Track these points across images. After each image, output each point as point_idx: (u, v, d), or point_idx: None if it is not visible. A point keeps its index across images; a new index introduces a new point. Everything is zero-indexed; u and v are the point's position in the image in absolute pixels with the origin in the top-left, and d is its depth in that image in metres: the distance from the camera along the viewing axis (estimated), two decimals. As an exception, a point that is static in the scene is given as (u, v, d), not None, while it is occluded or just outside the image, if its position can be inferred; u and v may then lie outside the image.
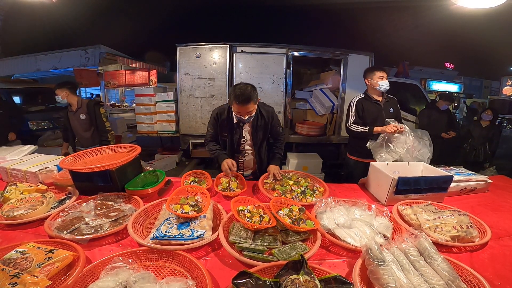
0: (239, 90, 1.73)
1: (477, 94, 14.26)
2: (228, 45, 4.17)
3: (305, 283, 0.84)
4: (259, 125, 1.99)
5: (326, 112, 4.69)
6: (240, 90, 1.73)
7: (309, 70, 5.59)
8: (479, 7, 2.21)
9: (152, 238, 1.12)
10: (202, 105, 4.37)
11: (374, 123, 2.31)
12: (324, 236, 1.21)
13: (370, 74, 2.38)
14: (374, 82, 2.35)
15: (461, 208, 1.42)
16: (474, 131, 4.35)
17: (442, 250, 1.14)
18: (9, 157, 2.09)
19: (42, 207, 1.35)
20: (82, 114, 2.92)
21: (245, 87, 1.75)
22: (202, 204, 1.36)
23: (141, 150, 1.78)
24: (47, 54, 7.03)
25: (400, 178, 1.55)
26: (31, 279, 0.84)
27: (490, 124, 4.31)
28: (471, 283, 0.95)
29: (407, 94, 5.59)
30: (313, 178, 1.95)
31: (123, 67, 6.58)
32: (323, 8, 13.19)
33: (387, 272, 0.90)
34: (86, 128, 2.98)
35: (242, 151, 2.10)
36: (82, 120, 2.93)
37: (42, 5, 3.31)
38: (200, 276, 0.95)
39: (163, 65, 8.45)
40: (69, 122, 2.99)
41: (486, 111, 4.33)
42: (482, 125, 4.31)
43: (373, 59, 4.44)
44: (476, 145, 4.28)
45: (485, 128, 4.28)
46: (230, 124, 1.97)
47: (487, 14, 2.99)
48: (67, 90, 2.87)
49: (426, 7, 8.23)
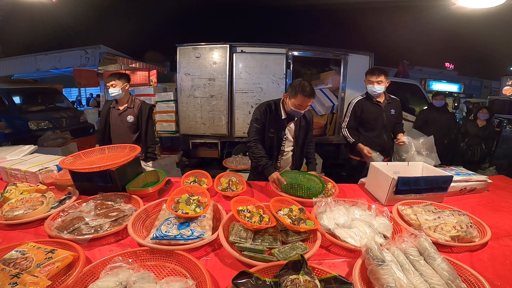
0: (306, 84, 1.80)
1: (477, 94, 14.26)
2: (228, 45, 4.17)
3: (305, 283, 0.84)
4: (302, 124, 2.03)
5: (326, 112, 4.69)
6: (305, 83, 1.80)
7: (309, 70, 5.59)
8: (479, 7, 2.21)
9: (152, 238, 1.11)
10: (202, 105, 4.37)
11: (374, 124, 2.33)
12: (324, 236, 1.21)
13: (366, 76, 2.40)
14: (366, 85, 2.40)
15: (461, 208, 1.42)
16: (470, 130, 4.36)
17: (442, 250, 1.14)
18: (9, 157, 2.08)
19: (42, 207, 1.35)
20: (131, 116, 2.41)
21: (307, 82, 1.83)
22: (202, 204, 1.36)
23: (141, 150, 1.78)
24: (47, 54, 7.04)
25: (400, 178, 1.55)
26: (31, 279, 0.84)
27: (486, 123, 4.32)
28: (471, 283, 0.95)
29: (407, 94, 5.60)
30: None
31: (123, 67, 6.58)
32: (323, 8, 13.20)
33: (387, 272, 0.90)
34: (131, 133, 2.47)
35: (282, 150, 2.07)
36: (128, 122, 2.42)
37: (42, 5, 3.31)
38: (200, 276, 0.95)
39: (163, 65, 8.46)
40: (110, 121, 2.48)
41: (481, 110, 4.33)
42: (479, 125, 4.32)
43: (373, 59, 4.45)
44: (472, 144, 4.29)
45: (482, 127, 4.28)
46: (278, 120, 1.97)
47: (487, 14, 2.99)
48: (127, 82, 2.43)
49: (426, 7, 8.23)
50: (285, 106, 1.93)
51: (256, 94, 4.24)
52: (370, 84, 2.33)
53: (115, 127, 2.49)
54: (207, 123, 4.40)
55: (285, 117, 1.95)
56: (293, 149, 2.11)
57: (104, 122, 2.50)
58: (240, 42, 4.25)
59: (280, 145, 2.04)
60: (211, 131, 4.43)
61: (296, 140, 2.07)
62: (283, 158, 2.11)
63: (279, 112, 1.96)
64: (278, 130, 1.98)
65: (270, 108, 1.97)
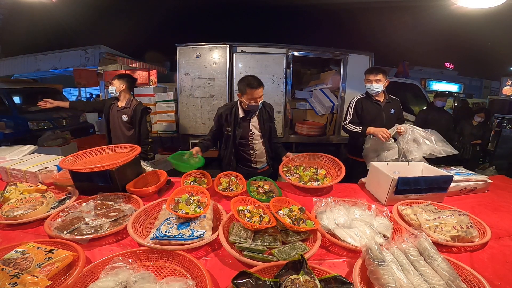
0: (250, 77, 1.96)
1: (477, 94, 14.24)
2: (228, 45, 4.17)
3: (305, 283, 0.84)
4: (265, 117, 2.16)
5: (326, 112, 4.69)
6: (250, 77, 1.97)
7: (309, 70, 5.59)
8: (479, 7, 2.21)
9: (152, 238, 1.12)
10: (202, 105, 4.37)
11: (373, 123, 2.31)
12: (324, 236, 1.21)
13: (365, 76, 2.40)
14: (365, 84, 2.39)
15: (461, 208, 1.42)
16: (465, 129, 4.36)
17: (442, 250, 1.14)
18: (9, 157, 2.08)
19: (42, 207, 1.35)
20: (125, 116, 2.62)
21: (251, 75, 2.00)
22: (202, 204, 1.36)
23: (141, 150, 1.78)
24: (47, 54, 7.03)
25: (400, 178, 1.55)
26: (31, 279, 0.84)
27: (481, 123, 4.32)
28: (471, 283, 0.95)
29: (407, 94, 5.59)
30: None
31: (123, 67, 6.57)
32: (323, 8, 13.18)
33: (387, 272, 0.90)
34: (124, 130, 2.67)
35: (251, 144, 2.19)
36: (123, 121, 2.63)
37: (42, 5, 3.30)
38: (200, 276, 0.95)
39: (163, 65, 8.45)
40: (109, 117, 2.71)
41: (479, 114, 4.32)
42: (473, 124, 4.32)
43: (373, 59, 4.44)
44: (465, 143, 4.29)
45: (475, 126, 4.28)
46: (235, 120, 2.09)
47: (487, 14, 2.99)
48: (126, 83, 2.62)
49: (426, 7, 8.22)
50: (243, 104, 2.05)
51: (256, 94, 4.23)
52: (369, 83, 2.34)
53: (112, 122, 2.71)
54: (207, 123, 4.39)
55: (243, 115, 2.09)
56: (263, 141, 2.22)
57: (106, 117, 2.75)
58: (240, 42, 4.25)
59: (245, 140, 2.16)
60: (211, 131, 4.41)
61: (263, 133, 2.18)
62: (257, 152, 2.23)
63: (236, 112, 2.09)
64: (237, 128, 2.10)
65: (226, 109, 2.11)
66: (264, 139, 2.21)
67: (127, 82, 2.62)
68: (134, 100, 2.66)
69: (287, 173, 1.98)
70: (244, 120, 2.11)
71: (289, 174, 1.97)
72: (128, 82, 2.63)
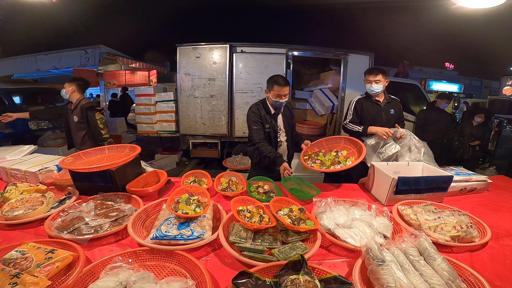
0: (278, 76, 2.09)
1: (477, 94, 14.24)
2: (228, 45, 4.17)
3: (305, 283, 0.84)
4: (287, 114, 2.30)
5: (326, 112, 4.69)
6: (278, 76, 2.10)
7: (309, 70, 5.59)
8: (479, 7, 2.21)
9: (152, 238, 1.11)
10: (202, 105, 4.37)
11: (373, 123, 2.31)
12: (324, 236, 1.21)
13: (365, 76, 2.39)
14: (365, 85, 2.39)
15: (461, 208, 1.42)
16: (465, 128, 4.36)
17: (442, 250, 1.14)
18: (9, 157, 2.08)
19: (42, 207, 1.35)
20: (75, 117, 2.71)
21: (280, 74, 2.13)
22: (202, 204, 1.36)
23: (141, 150, 1.78)
24: (47, 54, 7.01)
25: (400, 178, 1.55)
26: (31, 279, 0.84)
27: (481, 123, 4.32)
28: (471, 283, 0.95)
29: (407, 94, 5.59)
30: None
31: (123, 67, 6.56)
32: (323, 8, 13.19)
33: (387, 272, 0.90)
34: (77, 131, 2.77)
35: (280, 140, 2.29)
36: (74, 122, 2.73)
37: (42, 5, 3.30)
38: (200, 276, 0.95)
39: (163, 65, 8.43)
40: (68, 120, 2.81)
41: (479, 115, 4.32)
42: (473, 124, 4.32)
43: (373, 59, 4.45)
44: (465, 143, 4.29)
45: (475, 126, 4.28)
46: (269, 116, 2.19)
47: (487, 14, 2.99)
48: (75, 86, 2.70)
49: (426, 7, 8.23)
50: (269, 100, 2.18)
51: (256, 94, 4.24)
52: (369, 83, 2.34)
53: (68, 123, 2.84)
54: (207, 123, 4.40)
55: (274, 111, 2.20)
56: (286, 139, 2.33)
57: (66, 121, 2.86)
58: (240, 42, 4.25)
59: (276, 137, 2.25)
60: (211, 131, 4.43)
61: (287, 130, 2.30)
62: (280, 148, 2.31)
63: (268, 108, 2.19)
64: (272, 124, 2.20)
65: (260, 107, 2.19)
66: (288, 136, 2.32)
67: (76, 84, 2.72)
68: (82, 100, 2.73)
69: (309, 161, 2.02)
70: (274, 117, 2.21)
71: (311, 162, 2.01)
72: (77, 84, 2.72)
